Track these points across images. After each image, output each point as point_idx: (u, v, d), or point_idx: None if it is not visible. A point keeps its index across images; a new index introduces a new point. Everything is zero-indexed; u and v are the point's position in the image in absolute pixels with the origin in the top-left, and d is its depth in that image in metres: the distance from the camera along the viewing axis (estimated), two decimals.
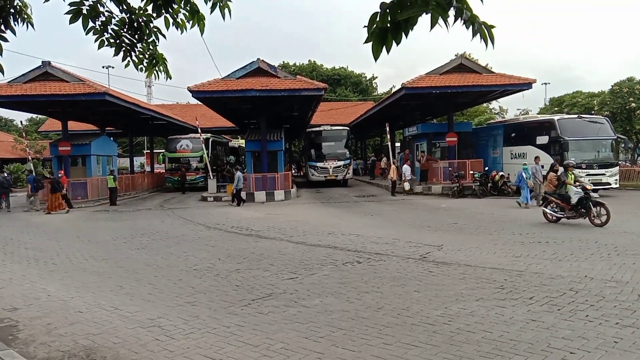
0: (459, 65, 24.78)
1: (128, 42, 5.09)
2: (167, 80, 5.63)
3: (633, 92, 30.70)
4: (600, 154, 21.94)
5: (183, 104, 53.44)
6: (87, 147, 26.56)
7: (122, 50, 5.09)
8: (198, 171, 33.59)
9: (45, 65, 22.90)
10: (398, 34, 2.67)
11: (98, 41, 4.89)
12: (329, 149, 31.40)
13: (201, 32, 4.87)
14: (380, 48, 2.70)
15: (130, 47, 5.12)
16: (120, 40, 5.03)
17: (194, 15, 4.77)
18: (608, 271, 8.13)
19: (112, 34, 4.96)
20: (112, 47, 5.02)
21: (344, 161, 31.13)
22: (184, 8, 4.77)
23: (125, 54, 5.14)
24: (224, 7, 4.67)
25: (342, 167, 30.91)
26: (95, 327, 6.08)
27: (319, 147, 31.77)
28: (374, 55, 2.72)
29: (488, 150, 27.81)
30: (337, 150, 31.35)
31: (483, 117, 48.37)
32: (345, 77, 61.64)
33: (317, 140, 32.15)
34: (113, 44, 4.99)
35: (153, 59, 5.29)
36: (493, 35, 2.83)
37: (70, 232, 14.87)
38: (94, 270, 9.57)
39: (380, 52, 2.70)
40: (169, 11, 4.73)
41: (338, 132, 32.39)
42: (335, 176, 30.72)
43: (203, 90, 22.72)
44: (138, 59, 5.26)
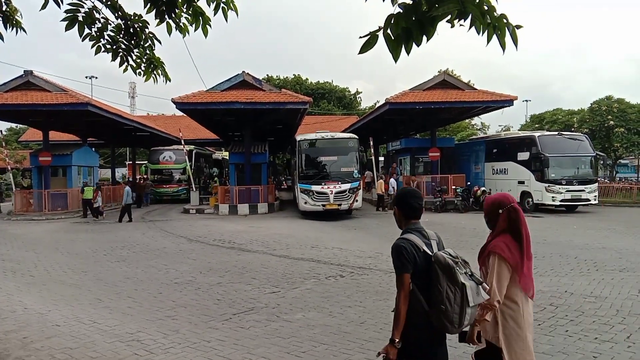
0: (442, 81, 25.12)
1: (124, 48, 5.08)
2: (166, 83, 5.61)
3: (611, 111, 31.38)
4: (580, 170, 22.33)
5: (167, 115, 53.16)
6: (68, 157, 26.22)
7: (118, 56, 5.08)
8: (181, 183, 33.37)
9: (27, 75, 22.64)
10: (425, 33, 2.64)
11: (95, 47, 4.88)
12: (330, 166, 21.96)
13: (205, 35, 4.84)
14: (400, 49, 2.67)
15: (127, 52, 5.11)
16: (116, 46, 5.02)
17: (198, 18, 4.76)
18: (587, 286, 8.24)
19: (109, 40, 4.96)
20: (109, 53, 5.01)
21: (350, 183, 21.36)
22: (187, 12, 4.76)
23: (122, 59, 5.13)
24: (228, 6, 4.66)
25: (347, 192, 21.25)
26: (73, 341, 5.96)
27: (315, 163, 22.21)
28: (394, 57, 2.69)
29: (470, 165, 28.11)
30: (342, 169, 21.76)
31: (465, 132, 48.91)
32: (329, 91, 61.97)
33: (312, 154, 22.32)
34: (109, 50, 4.99)
35: (151, 64, 5.29)
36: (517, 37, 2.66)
37: (49, 244, 14.61)
38: (73, 282, 9.41)
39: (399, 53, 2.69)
40: (171, 16, 4.71)
41: (343, 142, 22.73)
42: (337, 205, 21.01)
43: (187, 102, 22.64)
44: (136, 63, 5.25)
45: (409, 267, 3.06)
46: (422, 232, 3.28)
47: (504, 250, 3.31)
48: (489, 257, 3.40)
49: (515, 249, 3.34)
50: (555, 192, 21.44)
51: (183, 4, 4.71)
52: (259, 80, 24.15)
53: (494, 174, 25.28)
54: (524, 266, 3.32)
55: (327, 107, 58.25)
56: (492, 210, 3.54)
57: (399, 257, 3.09)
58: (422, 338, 3.11)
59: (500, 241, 3.38)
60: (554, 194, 21.47)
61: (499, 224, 3.46)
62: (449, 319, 2.98)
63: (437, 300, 3.01)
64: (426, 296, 3.07)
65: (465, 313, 2.97)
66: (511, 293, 3.30)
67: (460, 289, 2.97)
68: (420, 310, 3.07)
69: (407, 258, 3.06)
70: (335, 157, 22.06)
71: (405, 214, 3.34)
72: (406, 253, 3.07)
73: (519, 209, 3.45)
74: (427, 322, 3.06)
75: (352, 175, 21.64)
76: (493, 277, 3.27)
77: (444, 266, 3.03)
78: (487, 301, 3.16)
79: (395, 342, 3.02)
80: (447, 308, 2.97)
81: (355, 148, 22.43)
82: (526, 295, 3.35)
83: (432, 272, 3.06)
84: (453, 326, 2.99)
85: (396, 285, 3.11)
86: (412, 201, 3.33)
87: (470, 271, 3.09)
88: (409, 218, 3.33)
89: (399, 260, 3.08)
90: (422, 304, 3.07)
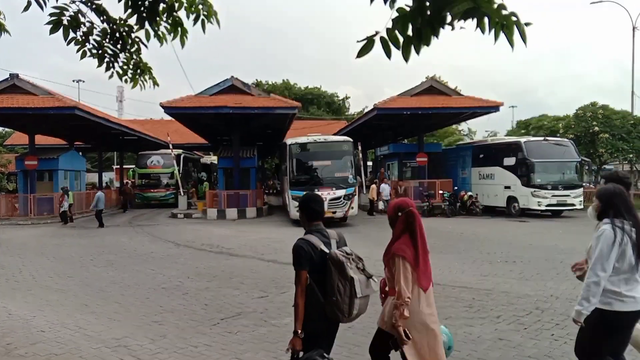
0: (430, 87, 25.36)
1: (111, 53, 5.04)
2: (155, 87, 5.57)
3: (596, 117, 31.76)
4: (565, 175, 22.58)
5: (155, 119, 52.88)
6: (54, 161, 25.99)
7: (104, 61, 5.03)
8: (169, 187, 33.19)
9: (14, 78, 22.45)
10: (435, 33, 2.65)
11: (80, 52, 4.83)
12: (324, 172, 20.67)
13: (182, 45, 4.82)
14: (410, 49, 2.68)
15: (114, 57, 5.07)
16: (102, 51, 4.97)
17: (177, 28, 4.74)
18: (573, 290, 8.31)
19: (95, 44, 4.91)
20: (95, 58, 4.96)
21: (345, 189, 20.12)
22: (167, 20, 4.74)
23: (109, 64, 5.08)
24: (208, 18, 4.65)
25: (342, 199, 20.01)
26: (58, 347, 5.91)
27: (308, 168, 21.01)
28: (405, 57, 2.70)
29: (457, 170, 28.28)
30: (336, 174, 20.54)
31: (452, 138, 49.27)
32: (318, 96, 62.09)
33: (304, 158, 21.11)
34: (95, 55, 4.93)
35: (138, 68, 5.25)
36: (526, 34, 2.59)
37: (35, 249, 14.46)
38: (59, 288, 9.32)
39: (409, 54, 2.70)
40: (151, 23, 4.69)
41: (337, 145, 21.48)
42: (332, 213, 19.37)
43: (176, 106, 22.59)
44: (122, 69, 5.20)
45: (306, 264, 3.44)
46: (322, 232, 3.66)
47: (405, 251, 3.66)
48: (393, 259, 3.70)
49: (412, 248, 3.68)
50: (541, 197, 21.66)
51: (164, 12, 4.70)
52: (247, 85, 24.17)
53: (480, 179, 25.47)
54: (419, 263, 3.66)
55: (317, 113, 58.32)
56: (392, 213, 3.85)
57: (297, 255, 3.48)
58: (320, 327, 3.50)
59: (401, 243, 3.72)
60: (539, 199, 21.68)
61: (398, 226, 3.80)
62: (340, 309, 3.38)
63: (330, 292, 3.40)
64: (322, 290, 3.44)
65: (354, 303, 3.37)
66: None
67: (349, 282, 3.36)
68: (317, 302, 3.44)
69: (303, 256, 3.45)
70: (328, 161, 20.86)
71: (308, 217, 3.72)
72: (303, 252, 3.45)
73: (415, 212, 3.79)
74: (323, 313, 3.44)
75: (347, 181, 20.46)
76: (400, 277, 3.59)
77: (336, 262, 3.40)
78: (398, 300, 3.55)
79: (297, 333, 3.41)
80: (338, 299, 3.37)
81: (350, 151, 21.14)
82: (422, 288, 3.68)
83: (327, 267, 3.43)
84: (344, 315, 3.40)
85: (294, 281, 3.47)
86: (314, 205, 3.72)
87: (362, 266, 3.51)
88: (311, 220, 3.71)
89: (297, 258, 3.47)
90: (318, 297, 3.44)
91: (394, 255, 3.69)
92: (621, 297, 3.63)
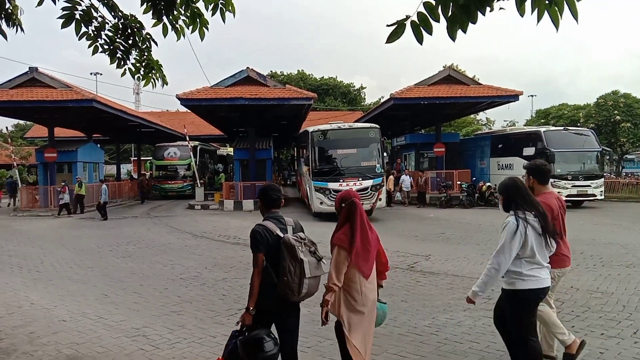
0: (447, 76, 25.02)
1: (123, 49, 5.00)
2: (163, 87, 5.55)
3: (617, 105, 31.17)
4: (586, 165, 22.21)
5: (172, 111, 53.23)
6: (73, 153, 26.34)
7: (116, 57, 5.00)
8: (185, 179, 33.42)
9: (33, 71, 22.67)
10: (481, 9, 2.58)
11: (92, 47, 4.81)
12: (349, 160, 19.34)
13: (201, 38, 4.76)
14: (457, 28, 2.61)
15: (125, 54, 5.03)
16: (114, 47, 4.94)
17: (195, 20, 4.68)
18: (594, 282, 8.20)
19: (106, 40, 4.88)
20: (106, 53, 4.93)
21: (373, 180, 18.85)
22: (185, 13, 4.68)
23: (120, 61, 5.05)
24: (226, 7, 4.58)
25: (369, 190, 18.68)
26: (79, 337, 5.99)
27: (332, 157, 19.63)
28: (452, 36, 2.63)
29: (475, 160, 28.01)
30: (363, 163, 19.33)
31: (470, 128, 48.74)
32: (334, 86, 61.83)
33: (327, 147, 19.74)
34: (107, 50, 4.91)
35: (148, 66, 5.22)
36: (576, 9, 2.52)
37: (55, 240, 14.68)
38: (79, 278, 9.45)
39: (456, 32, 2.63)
40: (169, 17, 4.63)
41: (363, 132, 20.17)
42: None
43: (192, 98, 22.65)
44: (135, 67, 5.17)
45: (262, 248, 3.77)
46: (279, 219, 3.99)
47: (344, 241, 3.91)
48: (333, 246, 3.97)
49: (351, 237, 3.91)
50: (561, 187, 21.33)
51: (181, 4, 4.64)
52: (263, 76, 24.12)
53: (499, 170, 25.17)
54: (359, 252, 3.88)
55: (333, 103, 58.14)
56: (337, 205, 4.16)
57: (254, 240, 3.80)
58: (272, 305, 3.81)
59: (341, 233, 3.97)
60: (559, 189, 21.36)
61: (341, 216, 4.07)
62: (290, 288, 3.70)
63: (282, 273, 3.71)
64: (276, 271, 3.76)
65: (303, 283, 3.70)
66: (350, 274, 3.89)
67: (299, 263, 3.69)
68: (271, 282, 3.76)
69: (260, 241, 3.78)
70: (354, 149, 19.51)
71: (266, 204, 4.08)
72: (259, 237, 3.79)
73: (357, 203, 4.04)
74: (276, 292, 3.75)
75: (375, 171, 19.16)
76: (332, 265, 3.90)
77: (288, 246, 3.73)
78: (327, 284, 3.87)
79: (250, 309, 3.74)
80: (289, 279, 3.69)
81: (377, 139, 19.67)
82: (362, 274, 3.92)
83: (281, 251, 3.74)
84: (294, 294, 3.72)
85: (252, 263, 3.78)
86: (271, 193, 4.07)
87: (314, 250, 3.87)
88: (269, 207, 4.06)
89: (254, 242, 3.80)
90: (272, 278, 3.76)
91: (333, 244, 3.97)
92: (522, 276, 4.06)
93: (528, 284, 4.06)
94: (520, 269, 4.06)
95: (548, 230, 4.06)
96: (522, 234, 3.98)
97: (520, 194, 4.15)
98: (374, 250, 4.06)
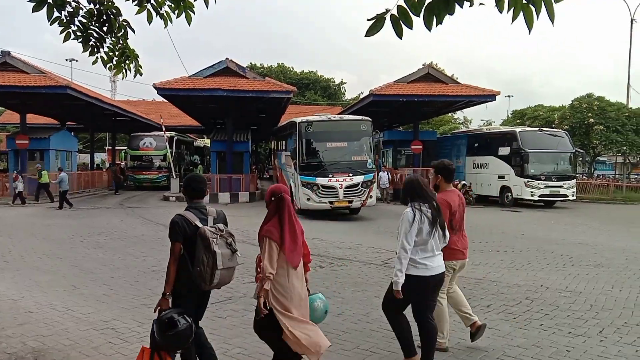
0: (426, 74, 25.17)
1: (96, 36, 4.84)
2: (136, 77, 5.40)
3: (591, 108, 31.72)
4: (559, 166, 22.65)
5: (148, 100, 52.41)
6: (45, 141, 25.76)
7: (89, 45, 4.83)
8: (161, 170, 33.03)
9: (5, 55, 22.08)
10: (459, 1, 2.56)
11: (64, 33, 4.64)
12: (339, 154, 18.23)
13: (188, 22, 4.62)
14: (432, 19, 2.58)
15: (99, 41, 4.87)
16: (87, 34, 4.77)
17: (179, 3, 4.55)
18: (563, 281, 8.36)
19: (80, 26, 4.71)
20: (79, 40, 4.76)
21: (364, 175, 17.83)
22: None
23: (93, 49, 4.89)
24: None
25: (360, 186, 17.72)
26: (46, 329, 5.86)
27: (321, 150, 18.41)
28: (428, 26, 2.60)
29: (452, 159, 28.22)
30: (353, 157, 18.28)
31: (448, 126, 49.13)
32: (314, 81, 61.67)
33: (316, 139, 18.52)
34: (80, 37, 4.74)
35: (123, 55, 5.07)
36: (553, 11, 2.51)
37: (25, 229, 14.35)
38: (48, 269, 9.25)
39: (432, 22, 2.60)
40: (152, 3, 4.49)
41: (354, 125, 19.01)
42: (348, 202, 17.77)
43: (169, 87, 22.33)
44: (107, 56, 5.01)
45: (179, 237, 3.92)
46: (201, 210, 4.13)
47: (273, 233, 4.02)
48: (262, 239, 4.06)
49: (279, 230, 4.04)
50: (534, 187, 21.71)
51: None
52: (242, 68, 23.91)
53: (474, 168, 25.48)
54: (287, 243, 4.02)
55: (312, 97, 58.01)
56: (267, 198, 4.24)
57: (172, 229, 3.96)
58: (186, 292, 3.99)
59: (270, 226, 4.08)
60: (532, 189, 21.73)
61: (270, 209, 4.17)
62: (203, 278, 3.86)
63: (196, 263, 3.86)
64: (192, 260, 3.90)
65: (215, 274, 3.85)
66: (279, 265, 4.01)
67: (212, 255, 3.83)
68: (186, 270, 3.91)
69: (177, 231, 3.93)
70: (344, 143, 18.38)
71: (189, 195, 4.21)
72: (177, 226, 3.94)
73: (285, 198, 4.17)
74: (191, 280, 3.90)
75: (366, 166, 18.05)
76: (264, 256, 3.97)
77: (203, 237, 3.86)
78: (261, 275, 3.96)
79: (166, 294, 3.91)
80: (202, 269, 3.84)
81: (369, 132, 18.57)
82: (291, 265, 4.06)
83: (197, 241, 3.88)
84: (205, 283, 3.88)
85: (170, 251, 3.94)
86: (195, 185, 4.21)
87: (231, 242, 4.01)
88: (192, 198, 4.20)
89: (172, 231, 3.96)
90: (188, 266, 3.91)
91: (262, 236, 4.06)
92: (415, 263, 4.45)
93: (420, 271, 4.45)
94: (414, 256, 4.45)
95: (439, 222, 4.52)
96: (418, 222, 4.41)
97: (418, 189, 4.58)
98: (301, 242, 4.25)
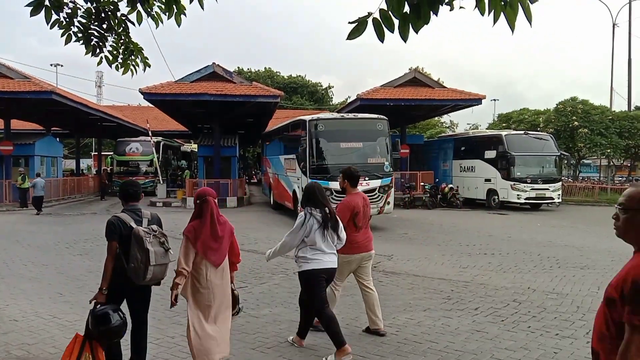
0: (413, 79, 25.35)
1: (98, 36, 4.76)
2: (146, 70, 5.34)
3: (576, 111, 32.07)
4: (545, 169, 22.84)
5: (135, 105, 52.05)
6: (30, 147, 25.48)
7: (92, 46, 4.74)
8: (148, 175, 32.79)
9: None
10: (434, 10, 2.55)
11: (65, 36, 4.55)
12: (354, 157, 16.00)
13: (178, 24, 4.55)
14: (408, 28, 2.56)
15: (101, 40, 4.78)
16: (88, 34, 4.69)
17: (171, 6, 4.45)
18: (550, 283, 8.42)
19: (80, 27, 4.63)
20: (81, 42, 4.68)
21: (381, 180, 15.92)
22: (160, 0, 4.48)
23: (96, 49, 4.80)
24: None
25: (377, 192, 15.69)
26: (31, 337, 5.78)
27: (333, 151, 16.23)
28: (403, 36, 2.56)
29: (439, 162, 28.42)
30: (369, 160, 16.21)
31: (434, 130, 49.40)
32: (301, 85, 61.74)
33: (328, 139, 16.30)
34: (81, 38, 4.65)
35: (127, 49, 4.98)
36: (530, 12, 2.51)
37: (10, 236, 14.15)
38: (33, 276, 9.13)
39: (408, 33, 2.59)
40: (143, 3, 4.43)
41: (370, 124, 16.99)
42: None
43: (155, 92, 22.17)
44: (112, 54, 4.93)
45: (115, 237, 4.24)
46: (136, 212, 4.48)
47: (191, 232, 4.48)
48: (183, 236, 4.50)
49: (200, 230, 4.47)
50: (520, 190, 21.88)
51: None
52: (229, 72, 23.85)
53: (461, 172, 25.63)
54: (205, 243, 4.45)
55: (299, 102, 58.03)
56: (195, 199, 4.66)
57: (108, 229, 4.27)
58: (122, 288, 4.33)
59: (190, 225, 4.54)
60: (519, 192, 21.90)
61: (195, 210, 4.61)
62: (136, 274, 4.18)
63: (131, 260, 4.18)
64: (127, 258, 4.21)
65: (148, 270, 4.16)
66: (198, 262, 4.48)
67: (145, 252, 4.15)
68: (122, 267, 4.22)
69: (113, 231, 4.25)
70: (359, 143, 16.47)
71: (124, 198, 4.54)
72: (113, 227, 4.26)
73: (209, 201, 4.55)
74: (126, 276, 4.21)
75: (383, 169, 16.24)
76: (181, 252, 4.43)
77: (137, 237, 4.19)
78: (176, 269, 4.39)
79: (102, 289, 4.22)
80: (136, 266, 4.17)
81: (386, 132, 16.73)
82: (210, 263, 4.50)
83: (132, 240, 4.20)
84: (139, 279, 4.20)
85: (107, 249, 4.25)
86: (129, 189, 4.56)
87: (163, 241, 4.37)
88: (127, 201, 4.53)
89: (108, 231, 4.27)
90: (123, 263, 4.22)
91: (183, 234, 4.51)
92: (307, 260, 5.08)
93: (312, 265, 5.06)
94: (305, 254, 5.09)
95: (330, 225, 5.10)
96: (308, 224, 5.05)
97: (312, 195, 5.21)
98: (227, 242, 4.65)
